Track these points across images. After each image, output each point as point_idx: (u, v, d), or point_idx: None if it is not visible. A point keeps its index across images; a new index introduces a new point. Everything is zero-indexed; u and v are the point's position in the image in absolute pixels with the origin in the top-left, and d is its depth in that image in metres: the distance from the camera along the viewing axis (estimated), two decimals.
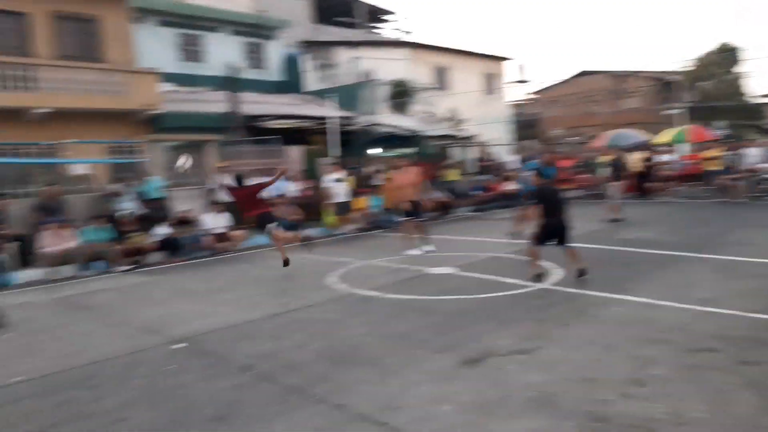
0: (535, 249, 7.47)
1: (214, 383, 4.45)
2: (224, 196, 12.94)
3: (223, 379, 4.53)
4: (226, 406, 4.01)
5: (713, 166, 17.63)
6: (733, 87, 32.88)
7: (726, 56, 31.97)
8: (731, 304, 5.81)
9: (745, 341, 4.75)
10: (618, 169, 13.71)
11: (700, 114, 31.69)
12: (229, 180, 10.56)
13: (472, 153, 23.95)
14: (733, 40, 39.66)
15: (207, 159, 13.70)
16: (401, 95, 19.41)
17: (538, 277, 7.31)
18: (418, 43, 25.03)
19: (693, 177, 19.13)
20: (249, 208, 8.74)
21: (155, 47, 16.95)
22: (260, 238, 12.35)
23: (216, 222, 11.56)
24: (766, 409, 3.59)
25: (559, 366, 4.45)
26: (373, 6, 28.18)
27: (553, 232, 7.40)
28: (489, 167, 19.90)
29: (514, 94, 34.57)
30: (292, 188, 14.67)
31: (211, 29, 19.73)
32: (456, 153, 23.41)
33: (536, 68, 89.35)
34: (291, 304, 6.86)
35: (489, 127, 25.66)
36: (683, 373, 4.19)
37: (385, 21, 31.51)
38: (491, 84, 27.59)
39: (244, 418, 3.82)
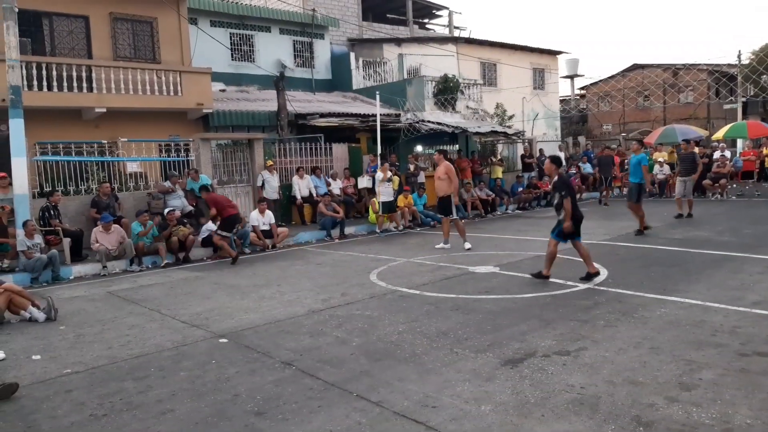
0: (583, 246, 7.30)
1: (256, 377, 4.55)
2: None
3: (265, 373, 4.63)
4: (267, 400, 4.09)
5: None
6: None
7: None
8: None
9: None
10: (692, 163, 13.45)
11: (758, 109, 30.23)
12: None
13: (519, 150, 23.64)
14: None
15: (255, 157, 13.96)
16: (448, 91, 19.27)
17: (590, 277, 7.15)
18: (465, 38, 24.82)
19: (750, 174, 18.35)
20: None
21: (208, 47, 17.39)
22: (304, 235, 12.60)
23: (261, 219, 11.78)
24: None
25: (602, 368, 4.35)
26: (424, 2, 28.06)
27: (578, 225, 7.24)
28: (535, 164, 19.55)
29: (564, 89, 33.70)
30: (335, 186, 14.84)
31: (262, 29, 20.11)
32: (502, 150, 23.16)
33: (588, 62, 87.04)
34: (332, 300, 6.94)
35: (537, 123, 25.25)
36: (733, 378, 4.02)
37: (438, 16, 31.32)
38: (541, 78, 27.10)
39: (284, 412, 3.89)
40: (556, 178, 7.40)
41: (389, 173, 13.39)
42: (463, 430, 3.52)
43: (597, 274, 7.21)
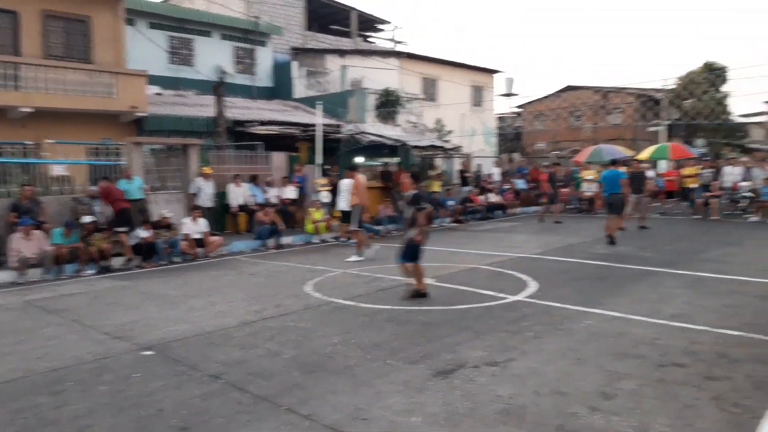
0: (420, 266, 7.36)
1: (183, 391, 4.39)
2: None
3: (192, 387, 4.48)
4: (193, 415, 3.96)
5: (692, 183, 17.94)
6: (716, 106, 33.46)
7: (709, 75, 32.53)
8: (702, 320, 5.88)
9: (713, 357, 4.81)
10: (641, 181, 14.50)
11: (681, 132, 32.17)
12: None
13: (457, 164, 24.12)
14: (717, 60, 40.27)
15: (190, 163, 13.60)
16: (389, 104, 19.47)
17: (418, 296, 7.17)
18: (408, 53, 25.17)
19: (672, 193, 19.42)
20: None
21: (145, 49, 16.87)
22: (239, 245, 12.34)
23: (194, 227, 11.46)
24: (729, 423, 3.62)
25: (529, 379, 4.46)
26: (368, 15, 28.28)
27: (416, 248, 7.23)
28: (471, 179, 20.00)
29: (500, 107, 34.77)
30: (271, 194, 14.64)
31: (203, 33, 19.70)
32: (440, 164, 23.56)
33: (523, 82, 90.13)
34: (265, 311, 6.82)
35: (474, 139, 25.85)
36: (651, 388, 4.22)
37: (380, 30, 31.64)
38: (479, 96, 27.80)
39: (210, 427, 3.77)
40: (412, 192, 7.52)
41: (324, 181, 13.48)
42: None
43: (425, 295, 7.19)
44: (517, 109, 41.75)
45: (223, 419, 3.88)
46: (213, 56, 19.76)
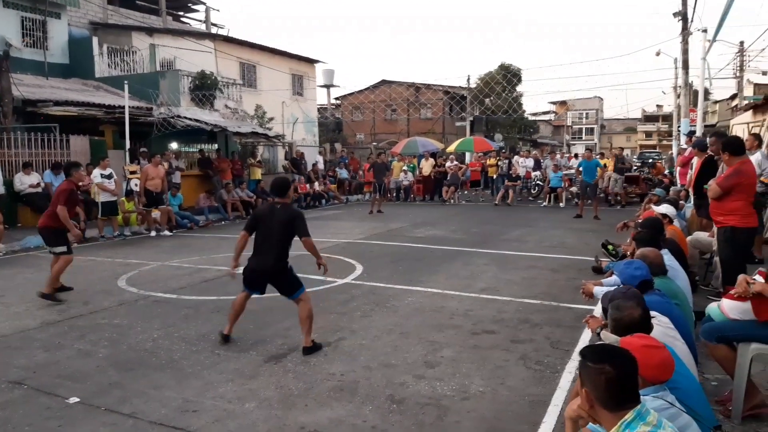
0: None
1: None
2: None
3: None
4: None
5: (493, 173, 19.95)
6: (512, 103, 37.38)
7: (506, 76, 36.15)
8: (506, 292, 6.60)
9: (517, 323, 5.42)
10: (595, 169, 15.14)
11: (482, 127, 35.41)
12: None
13: (280, 153, 23.86)
14: (513, 62, 44.92)
15: None
16: (205, 88, 18.52)
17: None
18: (224, 36, 24.14)
19: (477, 182, 21.35)
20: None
21: None
22: (34, 240, 10.90)
23: None
24: (534, 379, 4.12)
25: (360, 355, 4.62)
26: None
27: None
28: (296, 167, 19.98)
29: (321, 97, 35.01)
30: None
31: None
32: (263, 152, 23.12)
33: (343, 74, 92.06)
34: (72, 310, 6.13)
35: (297, 128, 25.77)
36: (467, 354, 4.63)
37: (194, 11, 29.80)
38: (300, 85, 27.74)
39: None
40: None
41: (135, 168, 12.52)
42: (227, 430, 3.42)
43: None
44: (336, 101, 42.49)
45: (30, 427, 3.44)
46: None
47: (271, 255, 4.82)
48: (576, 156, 22.17)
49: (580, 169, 14.37)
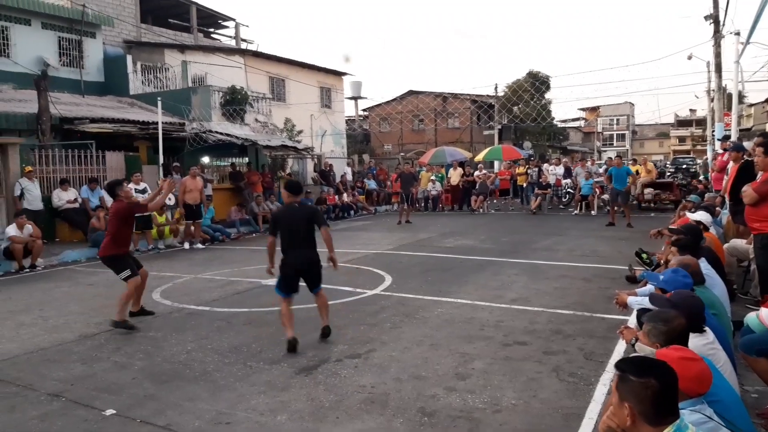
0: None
1: (17, 414, 3.91)
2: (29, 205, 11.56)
3: (28, 408, 4.00)
4: None
5: (522, 182, 19.77)
6: (540, 111, 37.08)
7: (534, 83, 35.92)
8: (538, 302, 6.51)
9: (549, 334, 5.35)
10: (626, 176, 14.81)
11: (511, 135, 35.22)
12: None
13: (309, 165, 24.09)
14: (540, 69, 44.64)
15: (9, 164, 12.06)
16: (236, 103, 18.85)
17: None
18: (254, 51, 24.57)
19: (506, 191, 21.19)
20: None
21: None
22: (72, 254, 11.20)
23: (21, 235, 10.18)
24: (567, 392, 4.05)
25: (390, 367, 4.61)
26: (209, 10, 27.05)
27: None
28: (325, 179, 20.15)
29: (348, 109, 35.32)
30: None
31: (20, 21, 17.51)
32: (292, 164, 23.39)
33: (371, 86, 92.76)
34: (107, 323, 6.27)
35: (325, 140, 26.02)
36: (499, 366, 4.58)
37: (224, 27, 30.43)
38: (328, 97, 28.01)
39: None
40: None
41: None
42: None
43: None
44: (363, 113, 42.78)
45: None
46: (34, 47, 17.67)
47: (304, 247, 5.34)
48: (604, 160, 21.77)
49: (610, 176, 14.14)
